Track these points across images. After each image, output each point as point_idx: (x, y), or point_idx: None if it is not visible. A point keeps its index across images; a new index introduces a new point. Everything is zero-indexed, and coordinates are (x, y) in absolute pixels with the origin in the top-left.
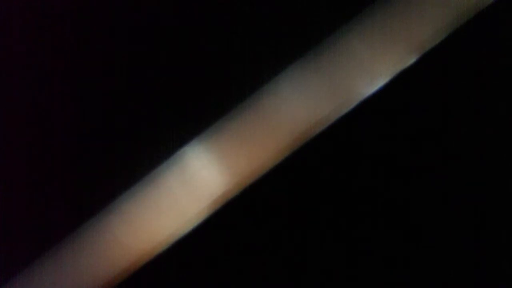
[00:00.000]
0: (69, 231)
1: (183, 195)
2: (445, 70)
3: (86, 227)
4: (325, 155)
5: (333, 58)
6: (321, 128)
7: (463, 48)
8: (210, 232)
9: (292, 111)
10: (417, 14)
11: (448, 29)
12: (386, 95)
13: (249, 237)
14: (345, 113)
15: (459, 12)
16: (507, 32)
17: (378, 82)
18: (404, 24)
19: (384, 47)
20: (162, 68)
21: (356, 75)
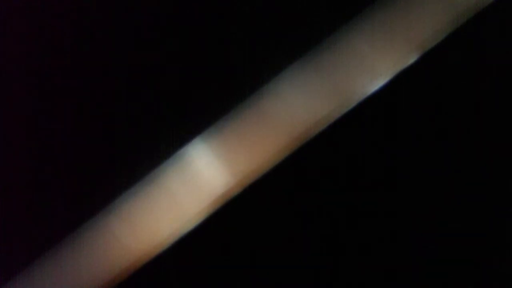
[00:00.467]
0: (69, 231)
1: (183, 195)
2: (445, 70)
3: (86, 227)
4: (325, 155)
5: (333, 58)
6: (321, 128)
7: (463, 48)
8: (210, 232)
9: (292, 111)
10: (417, 14)
11: (448, 29)
12: (386, 95)
13: (249, 237)
14: (345, 113)
15: (459, 12)
16: (507, 32)
17: (378, 82)
18: (404, 24)
19: (384, 47)
20: (162, 67)
21: (356, 75)
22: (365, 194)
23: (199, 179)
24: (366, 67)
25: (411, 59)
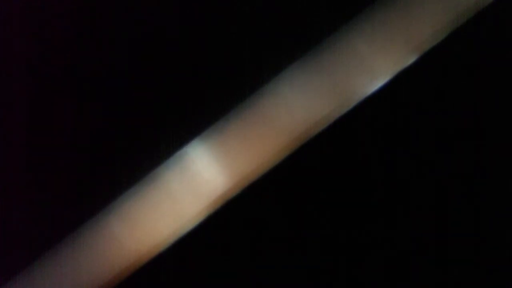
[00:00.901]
0: (69, 231)
1: (183, 195)
2: (445, 70)
3: (86, 227)
4: (325, 155)
5: (333, 58)
6: (321, 128)
7: (463, 48)
8: (210, 232)
9: (292, 111)
10: (417, 14)
11: (448, 29)
12: (386, 94)
13: (249, 237)
14: (345, 113)
15: (459, 12)
16: (507, 32)
17: (378, 81)
18: (404, 24)
19: (384, 47)
20: (162, 68)
21: (356, 75)
22: (365, 194)
23: (199, 179)
24: (366, 67)
25: (411, 59)
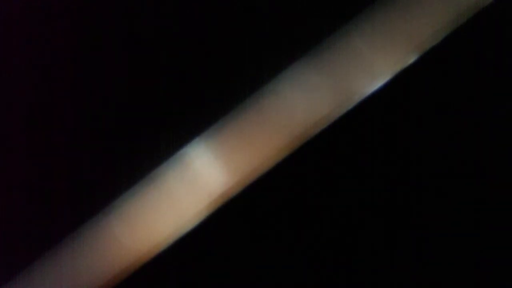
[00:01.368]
0: (69, 231)
1: (183, 195)
2: (445, 70)
3: (86, 227)
4: (325, 154)
5: (333, 58)
6: (321, 127)
7: (463, 48)
8: (210, 231)
9: (292, 111)
10: (417, 14)
11: (448, 29)
12: (386, 94)
13: (249, 236)
14: (345, 113)
15: (459, 12)
16: (507, 32)
17: (378, 81)
18: (404, 24)
19: (384, 47)
20: (162, 67)
21: (356, 75)
22: (365, 194)
23: (199, 179)
24: (366, 67)
25: (411, 59)
